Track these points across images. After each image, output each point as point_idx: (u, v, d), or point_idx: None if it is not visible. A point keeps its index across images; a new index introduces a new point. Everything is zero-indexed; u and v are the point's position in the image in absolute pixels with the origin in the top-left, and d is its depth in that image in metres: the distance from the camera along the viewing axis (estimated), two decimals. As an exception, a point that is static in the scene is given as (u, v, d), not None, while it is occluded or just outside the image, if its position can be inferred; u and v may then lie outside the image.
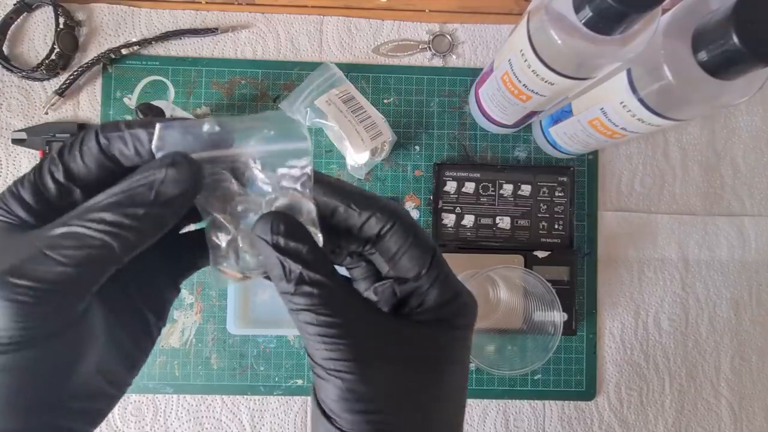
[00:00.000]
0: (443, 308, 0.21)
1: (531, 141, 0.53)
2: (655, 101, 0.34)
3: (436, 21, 0.53)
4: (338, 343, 0.18)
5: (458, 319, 0.21)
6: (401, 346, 0.20)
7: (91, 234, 0.16)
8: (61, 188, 0.17)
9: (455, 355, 0.21)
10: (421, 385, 0.20)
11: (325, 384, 0.19)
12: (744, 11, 0.27)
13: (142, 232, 0.17)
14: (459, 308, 0.21)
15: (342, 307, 0.19)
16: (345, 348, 0.18)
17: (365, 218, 0.20)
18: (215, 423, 0.50)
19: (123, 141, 0.17)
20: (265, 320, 0.50)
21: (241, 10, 0.52)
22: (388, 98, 0.53)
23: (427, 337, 0.21)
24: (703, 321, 0.54)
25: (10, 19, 0.49)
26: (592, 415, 0.52)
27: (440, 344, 0.21)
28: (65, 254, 0.16)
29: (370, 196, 0.20)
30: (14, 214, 0.17)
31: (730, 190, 0.54)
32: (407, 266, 0.21)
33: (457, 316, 0.21)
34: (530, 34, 0.34)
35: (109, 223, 0.16)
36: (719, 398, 0.53)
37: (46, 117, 0.50)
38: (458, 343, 0.22)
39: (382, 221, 0.20)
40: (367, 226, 0.20)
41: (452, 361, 0.21)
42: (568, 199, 0.52)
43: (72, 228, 0.16)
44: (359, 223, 0.20)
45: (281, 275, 0.18)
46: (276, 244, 0.18)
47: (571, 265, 0.51)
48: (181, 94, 0.51)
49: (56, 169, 0.17)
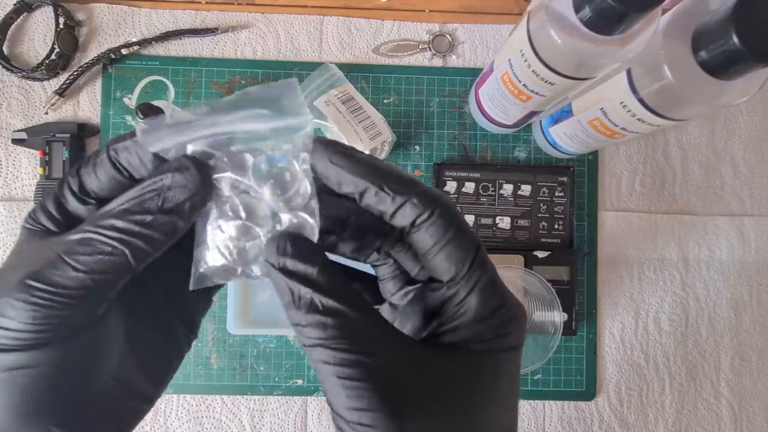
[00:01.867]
0: (484, 323, 0.17)
1: (531, 141, 0.53)
2: (655, 101, 0.34)
3: (436, 21, 0.53)
4: (360, 387, 0.15)
5: (503, 338, 0.17)
6: (437, 386, 0.16)
7: (103, 240, 0.16)
8: (77, 199, 0.18)
9: (502, 386, 0.18)
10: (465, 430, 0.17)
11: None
12: (744, 11, 0.27)
13: (153, 238, 0.17)
14: (504, 324, 0.17)
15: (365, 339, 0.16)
16: (369, 393, 0.15)
17: (399, 204, 0.17)
18: (215, 423, 0.50)
19: (127, 151, 0.17)
20: (265, 320, 0.50)
21: (241, 10, 0.52)
22: (388, 98, 0.53)
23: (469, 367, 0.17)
24: (703, 321, 0.54)
25: (10, 19, 0.49)
26: (592, 415, 0.52)
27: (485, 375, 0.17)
28: (80, 260, 0.16)
29: (407, 179, 0.17)
30: (39, 222, 0.18)
31: (730, 190, 0.54)
32: (442, 266, 0.17)
33: (502, 335, 0.17)
34: (530, 34, 0.34)
35: (119, 230, 0.16)
36: (719, 398, 0.53)
37: (46, 117, 0.50)
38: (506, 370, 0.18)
39: (419, 209, 0.17)
40: (401, 213, 0.17)
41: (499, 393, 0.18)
42: (568, 199, 0.52)
43: (86, 234, 0.16)
44: (391, 209, 0.17)
45: (290, 302, 0.16)
46: (283, 268, 0.16)
47: (571, 265, 0.51)
48: (181, 94, 0.51)
49: (74, 182, 0.18)
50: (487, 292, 0.17)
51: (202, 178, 0.17)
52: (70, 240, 0.16)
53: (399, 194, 0.17)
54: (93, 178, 0.18)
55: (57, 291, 0.16)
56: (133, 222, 0.16)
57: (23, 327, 0.16)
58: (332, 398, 0.16)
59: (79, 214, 0.18)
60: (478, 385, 0.17)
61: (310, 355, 0.16)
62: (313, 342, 0.16)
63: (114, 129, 0.51)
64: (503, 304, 0.18)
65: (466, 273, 0.17)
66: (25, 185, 0.50)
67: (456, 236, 0.17)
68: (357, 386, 0.15)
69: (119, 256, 0.16)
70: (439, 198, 0.17)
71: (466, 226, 0.18)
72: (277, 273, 0.16)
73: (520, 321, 0.18)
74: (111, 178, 0.18)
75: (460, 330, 0.17)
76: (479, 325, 0.17)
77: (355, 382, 0.15)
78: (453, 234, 0.17)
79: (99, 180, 0.18)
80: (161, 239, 0.17)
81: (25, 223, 0.18)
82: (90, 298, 0.16)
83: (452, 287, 0.17)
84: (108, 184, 0.18)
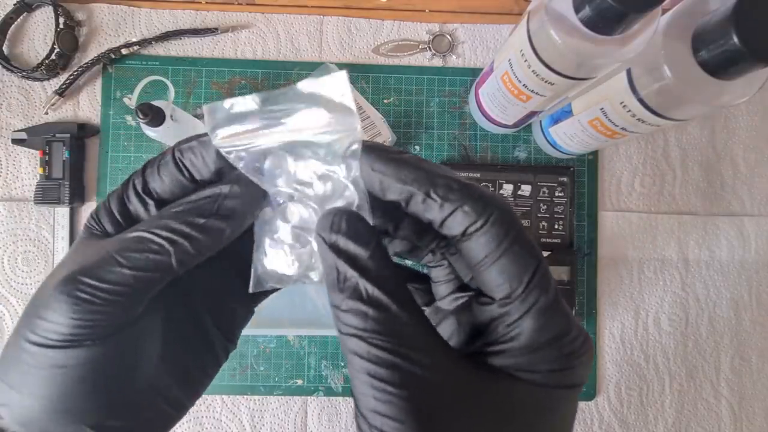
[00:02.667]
0: (538, 352, 0.15)
1: (531, 141, 0.53)
2: (655, 101, 0.34)
3: (436, 21, 0.53)
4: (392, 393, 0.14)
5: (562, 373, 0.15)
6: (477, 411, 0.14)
7: (153, 239, 0.16)
8: (141, 200, 0.18)
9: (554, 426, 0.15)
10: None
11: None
12: (744, 11, 0.27)
13: (200, 242, 0.17)
14: (564, 357, 0.15)
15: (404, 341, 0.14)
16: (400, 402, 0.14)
17: (448, 212, 0.15)
18: (215, 423, 0.50)
19: (192, 151, 0.18)
20: (265, 320, 0.50)
21: (241, 10, 0.52)
22: (388, 98, 0.53)
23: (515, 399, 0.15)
24: (703, 321, 0.54)
25: (10, 19, 0.49)
26: (592, 415, 0.52)
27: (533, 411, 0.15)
28: (128, 256, 0.16)
29: (458, 182, 0.16)
30: (101, 224, 0.18)
31: (730, 190, 0.54)
32: (495, 282, 0.15)
33: (560, 369, 0.15)
34: (530, 34, 0.34)
35: (171, 230, 0.17)
36: (719, 398, 0.53)
37: (46, 117, 0.50)
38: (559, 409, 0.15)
39: (472, 217, 0.15)
40: (451, 221, 0.15)
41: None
42: (568, 199, 0.52)
43: (139, 233, 0.17)
44: (440, 218, 0.15)
45: (334, 282, 0.15)
46: (333, 245, 0.15)
47: (571, 266, 0.51)
48: (181, 94, 0.51)
49: (138, 182, 0.18)
50: (546, 317, 0.15)
51: (256, 191, 0.17)
52: (125, 238, 0.17)
53: (448, 201, 0.15)
54: (156, 178, 0.18)
55: (99, 286, 0.16)
56: (184, 223, 0.17)
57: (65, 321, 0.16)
58: (358, 396, 0.14)
59: (139, 216, 0.18)
60: (524, 422, 0.15)
61: (344, 343, 0.15)
62: (349, 331, 0.14)
63: (114, 129, 0.51)
64: (566, 332, 0.15)
65: (522, 292, 0.15)
66: (25, 185, 0.50)
67: (512, 248, 0.15)
68: (388, 390, 0.14)
69: (164, 255, 0.16)
70: (494, 203, 0.15)
71: (526, 236, 0.15)
72: (327, 249, 0.15)
73: (585, 356, 0.16)
74: (174, 179, 0.18)
75: (509, 355, 0.15)
76: (533, 354, 0.15)
77: (388, 385, 0.14)
78: (509, 245, 0.15)
79: (162, 180, 0.18)
80: (207, 244, 0.17)
81: (87, 222, 0.19)
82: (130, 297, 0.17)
83: (505, 306, 0.15)
84: (171, 185, 0.18)
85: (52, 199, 0.48)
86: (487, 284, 0.15)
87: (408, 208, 0.16)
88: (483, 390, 0.15)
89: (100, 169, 0.51)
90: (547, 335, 0.15)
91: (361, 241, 0.15)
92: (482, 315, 0.16)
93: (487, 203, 0.15)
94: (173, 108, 0.44)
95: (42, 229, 0.50)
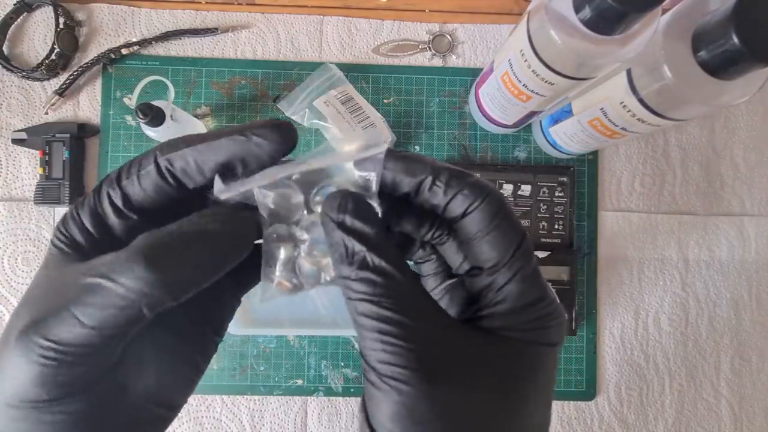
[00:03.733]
0: (521, 314, 0.17)
1: (531, 141, 0.53)
2: (655, 101, 0.34)
3: (436, 21, 0.53)
4: (399, 345, 0.16)
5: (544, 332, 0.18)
6: (473, 362, 0.17)
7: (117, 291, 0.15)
8: (119, 214, 0.17)
9: (540, 379, 0.18)
10: (493, 414, 0.17)
11: (378, 394, 0.16)
12: (744, 11, 0.27)
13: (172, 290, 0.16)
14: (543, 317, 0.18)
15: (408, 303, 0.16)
16: (407, 353, 0.16)
17: (451, 196, 0.18)
18: (215, 423, 0.50)
19: (184, 161, 0.17)
20: (265, 320, 0.50)
21: (241, 10, 0.52)
22: (388, 98, 0.53)
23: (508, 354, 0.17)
24: (703, 321, 0.54)
25: (10, 19, 0.49)
26: (592, 415, 0.52)
27: (523, 365, 0.17)
28: (89, 313, 0.15)
29: (457, 172, 0.18)
30: (72, 239, 0.17)
31: (730, 190, 0.54)
32: (486, 252, 0.18)
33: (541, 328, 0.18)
34: (530, 34, 0.34)
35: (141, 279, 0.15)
36: (719, 398, 0.53)
37: (46, 117, 0.50)
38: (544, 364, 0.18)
39: (470, 198, 0.17)
40: (453, 204, 0.18)
41: (536, 385, 0.18)
42: (568, 199, 0.52)
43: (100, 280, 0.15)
44: (444, 201, 0.18)
45: (343, 256, 0.16)
46: (341, 223, 0.17)
47: (571, 265, 0.51)
48: (181, 94, 0.51)
49: (114, 194, 0.17)
50: (528, 283, 0.18)
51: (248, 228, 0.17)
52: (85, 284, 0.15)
53: (450, 187, 0.17)
54: (137, 189, 0.17)
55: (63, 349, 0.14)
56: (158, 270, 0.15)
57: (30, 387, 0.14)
58: (367, 351, 0.16)
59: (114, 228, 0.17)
60: (516, 373, 0.17)
61: (353, 307, 0.16)
62: (359, 296, 0.16)
63: (114, 129, 0.51)
64: (543, 297, 0.18)
65: (509, 260, 0.17)
66: (25, 185, 0.50)
67: (502, 223, 0.17)
68: (396, 343, 0.16)
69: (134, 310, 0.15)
70: (487, 187, 0.18)
71: (512, 215, 0.18)
72: (334, 227, 0.17)
73: (560, 318, 0.18)
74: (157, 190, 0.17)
75: (498, 317, 0.18)
76: (518, 315, 0.17)
77: (396, 339, 0.16)
78: (499, 221, 0.17)
79: (144, 191, 0.17)
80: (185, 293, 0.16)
81: (55, 236, 0.17)
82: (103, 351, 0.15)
83: (493, 273, 0.18)
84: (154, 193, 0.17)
85: (52, 199, 0.48)
86: (480, 256, 0.18)
87: (417, 197, 0.18)
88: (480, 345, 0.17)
89: (100, 169, 0.51)
90: (528, 298, 0.17)
91: (367, 220, 0.17)
92: (473, 286, 0.18)
93: (482, 188, 0.18)
94: (173, 108, 0.44)
95: (42, 229, 0.50)
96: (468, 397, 0.16)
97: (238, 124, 0.18)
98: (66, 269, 0.16)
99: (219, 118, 0.52)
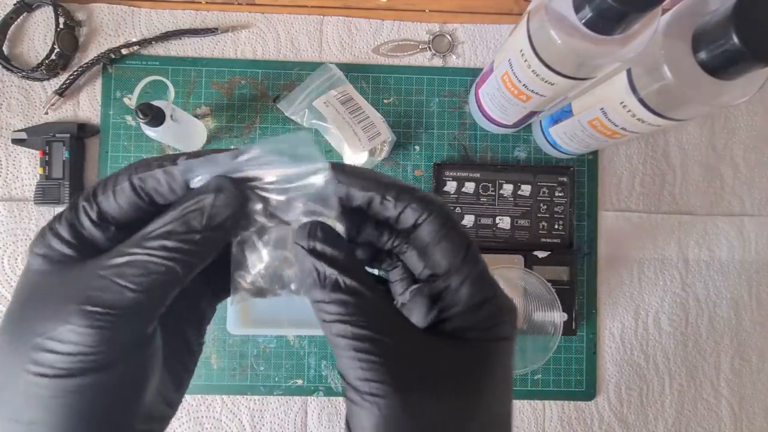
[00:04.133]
0: (475, 313, 0.19)
1: (531, 141, 0.53)
2: (655, 101, 0.34)
3: (436, 21, 0.53)
4: (374, 361, 0.17)
5: (495, 328, 0.19)
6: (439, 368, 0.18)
7: (156, 261, 0.17)
8: (97, 226, 0.18)
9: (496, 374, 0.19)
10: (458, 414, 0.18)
11: (359, 410, 0.17)
12: (744, 11, 0.27)
13: (200, 254, 0.18)
14: (494, 315, 0.19)
15: (378, 319, 0.18)
16: (382, 368, 0.17)
17: (401, 209, 0.19)
18: (215, 423, 0.50)
19: (156, 180, 0.18)
20: (265, 320, 0.50)
21: (241, 10, 0.52)
22: (387, 98, 0.53)
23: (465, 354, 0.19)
24: (703, 321, 0.54)
25: (10, 19, 0.49)
26: (592, 415, 0.52)
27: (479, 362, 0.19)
28: (134, 281, 0.17)
29: (404, 187, 0.19)
30: (56, 249, 0.18)
31: (730, 190, 0.54)
32: (440, 261, 0.19)
33: (493, 325, 0.19)
34: (530, 34, 0.34)
35: (170, 249, 0.17)
36: (719, 398, 0.53)
37: (46, 117, 0.50)
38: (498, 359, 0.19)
39: (418, 211, 0.19)
40: (403, 217, 0.19)
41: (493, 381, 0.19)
42: (568, 199, 0.52)
43: (135, 257, 0.17)
44: (395, 214, 0.19)
45: (315, 281, 0.18)
46: (312, 249, 0.18)
47: (571, 265, 0.51)
48: (181, 94, 0.51)
49: (91, 209, 0.18)
50: (478, 284, 0.19)
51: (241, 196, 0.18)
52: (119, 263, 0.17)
53: (399, 201, 0.19)
54: (113, 205, 0.18)
55: (116, 313, 0.16)
56: (182, 241, 0.17)
57: (88, 350, 0.16)
58: (345, 370, 0.17)
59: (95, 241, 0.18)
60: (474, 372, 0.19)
61: (328, 329, 0.18)
62: (333, 318, 0.17)
63: (114, 129, 0.51)
64: (493, 295, 0.19)
65: (459, 265, 0.19)
66: (25, 185, 0.50)
67: (449, 233, 0.19)
68: (370, 359, 0.17)
69: (173, 274, 0.17)
70: (433, 201, 0.20)
71: (458, 225, 0.20)
72: (306, 254, 0.18)
73: (511, 313, 0.20)
74: (132, 205, 0.18)
75: (456, 318, 0.19)
76: (471, 315, 0.19)
77: (369, 356, 0.17)
78: (446, 231, 0.19)
79: (119, 206, 0.18)
80: (207, 254, 0.18)
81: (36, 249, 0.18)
82: (146, 315, 0.17)
83: (447, 279, 0.19)
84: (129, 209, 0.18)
85: (52, 199, 0.48)
86: (434, 263, 0.20)
87: (370, 210, 0.20)
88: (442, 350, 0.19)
89: (100, 169, 0.51)
90: (478, 298, 0.19)
91: (335, 245, 0.18)
92: (432, 291, 0.20)
93: (428, 202, 0.19)
94: (173, 108, 0.44)
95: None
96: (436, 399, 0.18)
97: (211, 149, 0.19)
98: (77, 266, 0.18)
99: (219, 118, 0.52)
